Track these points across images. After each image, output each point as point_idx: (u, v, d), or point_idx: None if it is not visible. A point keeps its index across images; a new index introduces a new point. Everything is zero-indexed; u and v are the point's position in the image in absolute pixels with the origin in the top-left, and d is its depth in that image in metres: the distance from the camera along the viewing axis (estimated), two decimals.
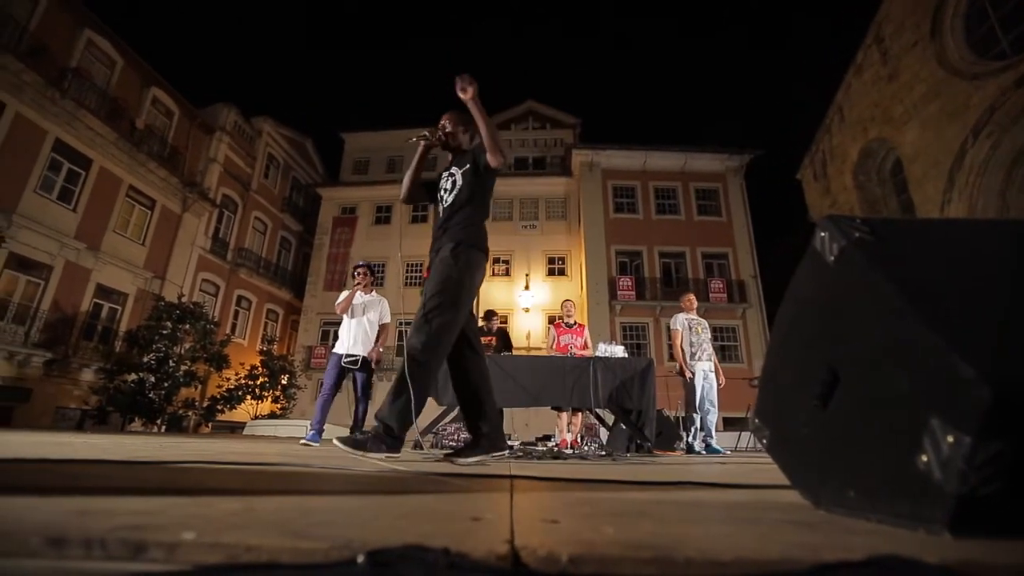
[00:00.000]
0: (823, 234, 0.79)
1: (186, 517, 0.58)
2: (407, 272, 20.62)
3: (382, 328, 5.03)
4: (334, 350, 4.88)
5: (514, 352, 6.32)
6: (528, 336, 18.22)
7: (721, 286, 17.23)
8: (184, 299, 14.77)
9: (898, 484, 0.61)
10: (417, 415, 2.09)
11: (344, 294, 4.97)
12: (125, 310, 15.13)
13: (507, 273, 19.80)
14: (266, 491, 0.91)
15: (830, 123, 17.08)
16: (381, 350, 4.98)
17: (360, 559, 0.42)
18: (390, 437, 2.05)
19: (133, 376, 12.82)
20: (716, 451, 5.15)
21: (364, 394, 4.82)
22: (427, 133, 2.48)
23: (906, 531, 0.59)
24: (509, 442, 5.65)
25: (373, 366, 4.89)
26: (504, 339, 5.93)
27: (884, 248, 0.71)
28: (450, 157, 2.59)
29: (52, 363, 12.68)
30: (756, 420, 0.99)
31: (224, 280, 19.04)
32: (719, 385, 5.44)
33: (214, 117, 18.80)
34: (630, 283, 17.44)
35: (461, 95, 2.25)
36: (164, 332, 13.43)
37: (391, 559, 0.43)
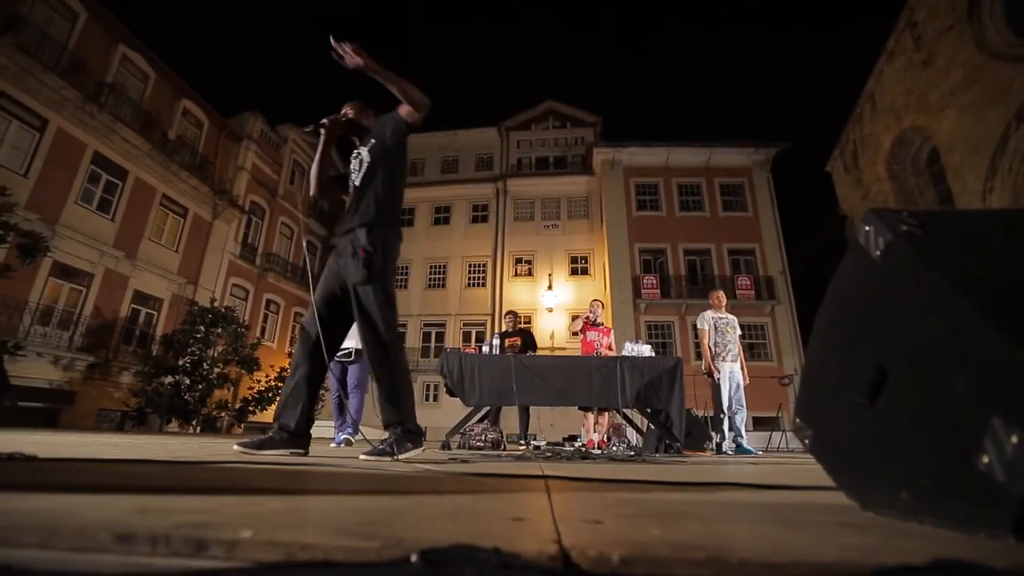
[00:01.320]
0: (867, 228, 0.76)
1: (239, 516, 0.60)
2: (430, 274, 20.81)
3: None
4: None
5: (538, 352, 6.30)
6: (552, 336, 18.17)
7: (748, 283, 16.88)
8: (216, 303, 15.21)
9: (955, 486, 0.59)
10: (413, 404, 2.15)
11: None
12: (161, 315, 15.67)
13: (530, 273, 19.79)
14: (309, 491, 0.93)
15: (861, 112, 16.57)
16: None
17: (414, 558, 0.43)
18: (411, 433, 2.07)
19: (169, 379, 13.28)
20: (747, 451, 5.04)
21: (357, 388, 4.64)
22: (326, 121, 2.38)
23: (965, 535, 0.57)
24: (534, 442, 5.66)
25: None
26: (528, 339, 5.91)
27: (934, 241, 0.69)
28: (357, 142, 2.52)
29: (94, 367, 13.22)
30: (797, 420, 0.97)
31: (253, 284, 19.53)
32: (744, 384, 5.33)
33: (241, 126, 19.32)
34: (655, 281, 17.23)
35: (354, 65, 2.15)
36: (198, 336, 13.85)
37: (443, 558, 0.43)
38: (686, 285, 17.37)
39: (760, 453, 5.50)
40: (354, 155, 2.45)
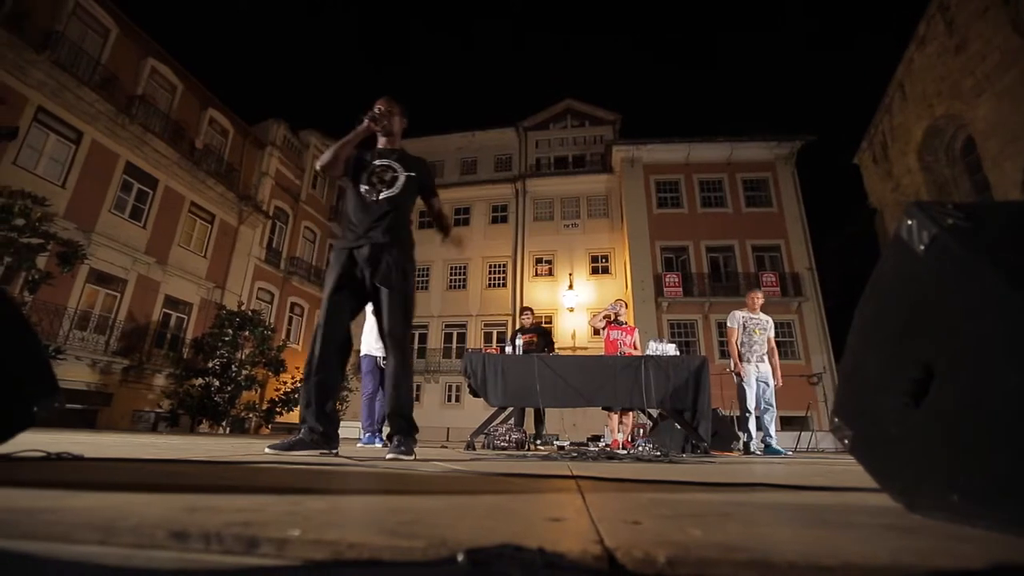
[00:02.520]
0: (910, 222, 0.74)
1: (283, 514, 0.61)
2: (450, 275, 20.93)
3: None
4: (366, 352, 4.87)
5: (558, 351, 6.25)
6: (573, 336, 18.09)
7: (774, 279, 16.53)
8: (243, 307, 15.58)
9: (1012, 488, 0.57)
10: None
11: None
12: (191, 319, 16.12)
13: (550, 273, 19.74)
14: (344, 490, 0.94)
15: (890, 102, 16.09)
16: None
17: (460, 558, 0.43)
18: (415, 430, 2.32)
19: (200, 381, 13.66)
20: (776, 452, 4.94)
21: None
22: (375, 116, 2.50)
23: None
24: (557, 443, 5.63)
25: None
26: (545, 336, 5.83)
27: (983, 234, 0.67)
28: (382, 142, 2.62)
29: (129, 370, 13.68)
30: (836, 419, 0.95)
31: (278, 288, 19.95)
32: (776, 385, 5.23)
33: (265, 133, 19.76)
34: (677, 279, 17.01)
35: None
36: (226, 339, 14.22)
37: (489, 558, 0.44)
38: (709, 283, 17.11)
39: (789, 453, 5.38)
40: (383, 162, 2.51)
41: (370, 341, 4.90)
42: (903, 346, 0.76)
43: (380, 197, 2.41)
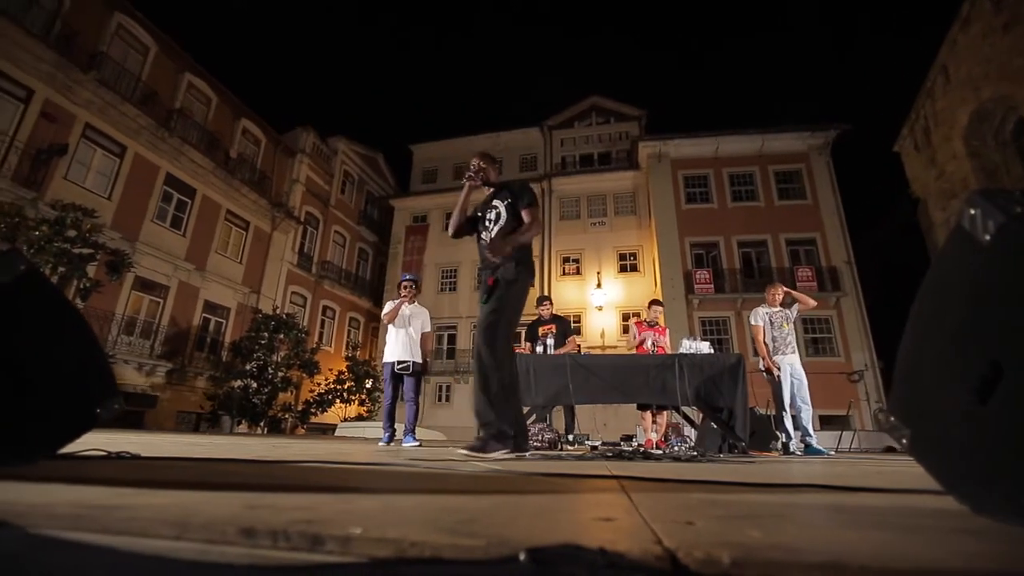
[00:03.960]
0: (973, 211, 0.71)
1: (339, 513, 0.63)
2: (476, 277, 21.06)
3: (426, 336, 5.21)
4: (385, 360, 5.11)
5: (576, 342, 5.97)
6: (603, 335, 17.94)
7: (810, 274, 16.00)
8: (277, 311, 16.03)
9: None
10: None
11: (389, 304, 5.14)
12: (229, 323, 16.69)
13: (578, 272, 19.63)
14: (393, 490, 0.96)
15: (932, 86, 15.36)
16: (428, 359, 5.24)
17: (522, 556, 0.44)
18: (501, 435, 2.43)
19: (239, 383, 14.13)
20: (817, 451, 4.78)
21: (413, 398, 5.03)
22: (472, 174, 2.90)
23: None
24: (589, 442, 5.58)
25: (425, 372, 5.18)
26: (561, 324, 5.56)
27: None
28: (486, 191, 3.00)
29: (172, 372, 14.26)
30: (892, 419, 0.91)
31: (310, 292, 20.44)
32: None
33: (295, 141, 20.29)
34: (707, 276, 16.65)
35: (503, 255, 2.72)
36: (262, 342, 14.67)
37: (551, 558, 0.44)
38: (741, 279, 16.69)
39: (832, 454, 5.21)
40: (490, 208, 2.89)
41: (391, 348, 5.10)
42: (967, 342, 0.73)
43: (490, 235, 2.78)
